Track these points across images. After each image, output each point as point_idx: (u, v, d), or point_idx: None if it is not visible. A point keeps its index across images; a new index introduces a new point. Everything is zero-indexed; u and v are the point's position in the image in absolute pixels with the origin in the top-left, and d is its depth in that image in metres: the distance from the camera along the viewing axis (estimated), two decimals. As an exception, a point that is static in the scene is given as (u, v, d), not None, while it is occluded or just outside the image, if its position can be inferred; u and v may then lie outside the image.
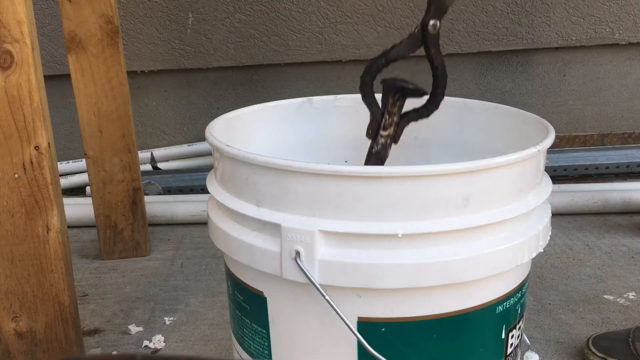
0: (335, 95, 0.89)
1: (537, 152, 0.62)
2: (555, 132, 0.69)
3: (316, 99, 0.89)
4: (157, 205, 1.61)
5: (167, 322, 1.15)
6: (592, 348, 0.98)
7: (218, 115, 0.78)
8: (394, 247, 0.58)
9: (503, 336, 0.67)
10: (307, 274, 0.59)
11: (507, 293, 0.65)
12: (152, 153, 1.89)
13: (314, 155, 0.88)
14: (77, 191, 1.81)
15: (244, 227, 0.65)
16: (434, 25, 0.66)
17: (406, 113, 0.71)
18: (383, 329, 0.61)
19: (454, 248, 0.59)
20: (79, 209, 1.59)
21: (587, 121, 2.00)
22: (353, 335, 0.61)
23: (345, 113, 0.89)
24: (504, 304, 0.65)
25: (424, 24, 0.66)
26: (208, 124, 0.73)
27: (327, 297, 0.59)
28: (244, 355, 0.72)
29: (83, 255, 1.45)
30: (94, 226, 1.44)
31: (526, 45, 1.90)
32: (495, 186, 0.60)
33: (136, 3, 1.80)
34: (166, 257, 1.43)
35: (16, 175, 0.83)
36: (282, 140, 0.87)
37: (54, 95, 1.74)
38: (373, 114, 0.71)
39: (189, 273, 1.35)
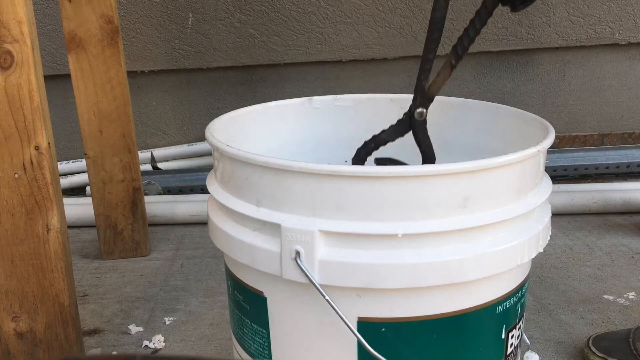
0: (335, 95, 0.89)
1: (537, 152, 0.62)
2: (555, 132, 0.69)
3: (316, 99, 0.89)
4: (157, 205, 1.61)
5: (167, 322, 1.15)
6: (593, 348, 0.98)
7: (218, 115, 0.78)
8: (394, 247, 0.58)
9: (503, 336, 0.67)
10: (307, 274, 0.59)
11: (507, 293, 0.65)
12: (152, 153, 1.89)
13: (314, 155, 0.88)
14: (77, 191, 1.82)
15: (244, 227, 0.65)
16: (420, 113, 0.71)
17: None
18: (383, 329, 0.61)
19: (454, 248, 0.59)
20: (79, 209, 1.59)
21: (587, 121, 2.00)
22: (353, 335, 0.61)
23: (345, 113, 0.89)
24: (504, 304, 0.65)
25: (411, 112, 0.71)
26: (208, 124, 0.73)
27: (327, 297, 0.59)
28: (244, 355, 0.72)
29: (83, 255, 1.45)
30: (94, 226, 1.44)
31: (526, 45, 1.90)
32: (495, 186, 0.60)
33: (136, 3, 1.80)
34: (166, 257, 1.43)
35: (16, 175, 0.83)
36: (282, 140, 0.87)
37: (54, 95, 1.74)
38: None
39: (189, 273, 1.35)
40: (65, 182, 1.80)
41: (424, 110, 0.71)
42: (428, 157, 0.74)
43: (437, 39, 0.68)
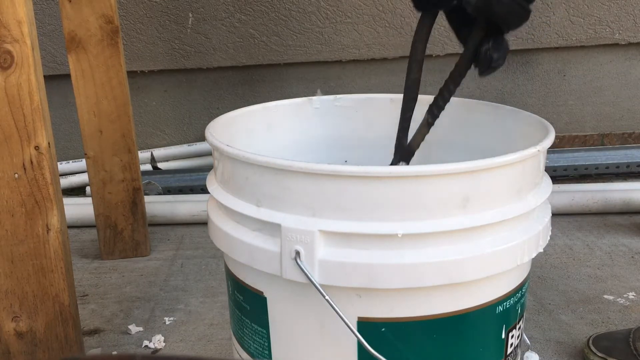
0: (335, 95, 0.89)
1: (537, 152, 0.62)
2: (555, 132, 0.69)
3: (316, 98, 0.89)
4: (157, 205, 1.61)
5: (167, 322, 1.15)
6: (593, 348, 0.98)
7: (218, 115, 0.78)
8: (394, 247, 0.58)
9: (503, 336, 0.67)
10: (307, 274, 0.59)
11: (507, 293, 0.65)
12: (152, 153, 1.89)
13: (314, 155, 0.88)
14: (77, 191, 1.81)
15: (244, 227, 0.65)
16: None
17: None
18: (383, 329, 0.61)
19: (454, 248, 0.59)
20: (79, 209, 1.59)
21: (587, 121, 2.00)
22: (353, 335, 0.61)
23: (345, 113, 0.89)
24: (504, 304, 0.65)
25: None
26: (208, 124, 0.73)
27: (327, 297, 0.59)
28: (244, 355, 0.72)
29: (83, 255, 1.45)
30: (94, 226, 1.44)
31: (526, 45, 1.90)
32: (495, 186, 0.60)
33: (136, 3, 1.80)
34: (166, 257, 1.43)
35: (16, 175, 0.83)
36: (282, 140, 0.87)
37: (54, 95, 1.74)
38: None
39: (189, 273, 1.35)
40: (65, 182, 1.80)
41: (405, 164, 0.74)
42: None
43: (414, 99, 0.72)
